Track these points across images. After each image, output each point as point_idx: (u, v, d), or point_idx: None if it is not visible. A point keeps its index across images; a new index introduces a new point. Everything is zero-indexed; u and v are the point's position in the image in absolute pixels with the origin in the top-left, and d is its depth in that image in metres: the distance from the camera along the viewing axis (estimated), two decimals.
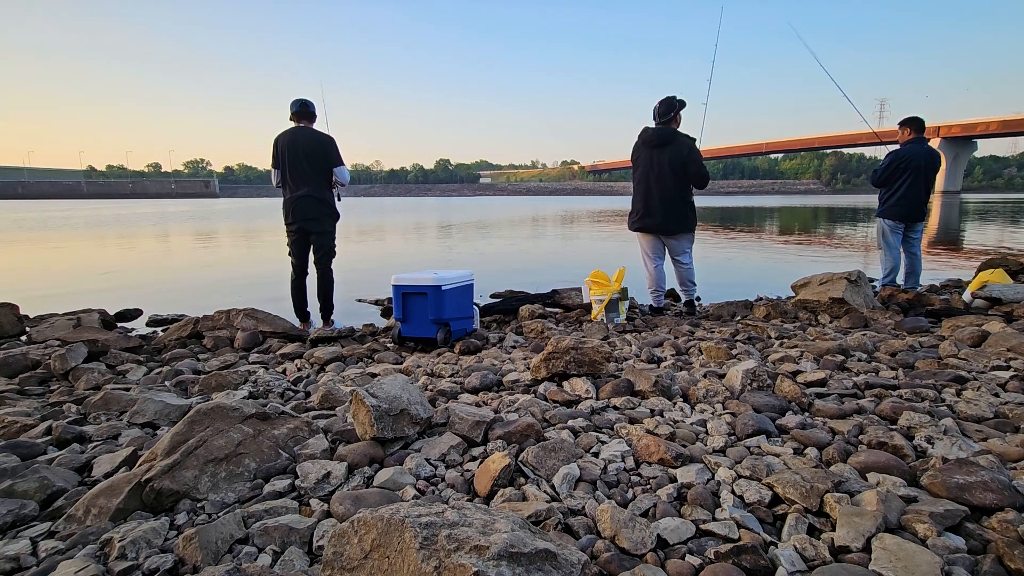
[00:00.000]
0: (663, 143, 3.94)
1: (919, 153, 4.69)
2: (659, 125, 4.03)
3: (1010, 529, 1.21)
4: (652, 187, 3.99)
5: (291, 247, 4.27)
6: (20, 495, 1.51)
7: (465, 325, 3.66)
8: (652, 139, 3.97)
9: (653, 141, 3.96)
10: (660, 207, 3.99)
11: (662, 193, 3.98)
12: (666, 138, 3.94)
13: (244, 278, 7.12)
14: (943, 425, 1.77)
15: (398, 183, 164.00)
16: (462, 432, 1.80)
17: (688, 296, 4.28)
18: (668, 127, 4.00)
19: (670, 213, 4.00)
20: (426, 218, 23.69)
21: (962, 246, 10.35)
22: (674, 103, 3.99)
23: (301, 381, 2.79)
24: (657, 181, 3.97)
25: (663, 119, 4.01)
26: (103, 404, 2.31)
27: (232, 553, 1.26)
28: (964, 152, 73.58)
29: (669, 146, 3.94)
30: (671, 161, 3.94)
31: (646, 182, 4.02)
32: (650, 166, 3.99)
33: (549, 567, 0.96)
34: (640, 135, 4.09)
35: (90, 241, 12.69)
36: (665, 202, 3.98)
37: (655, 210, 4.00)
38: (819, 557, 1.16)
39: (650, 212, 4.02)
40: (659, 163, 3.96)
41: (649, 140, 3.98)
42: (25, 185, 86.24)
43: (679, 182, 3.98)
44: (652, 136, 3.97)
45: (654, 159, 3.98)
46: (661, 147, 3.95)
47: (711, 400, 2.10)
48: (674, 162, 3.94)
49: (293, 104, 4.16)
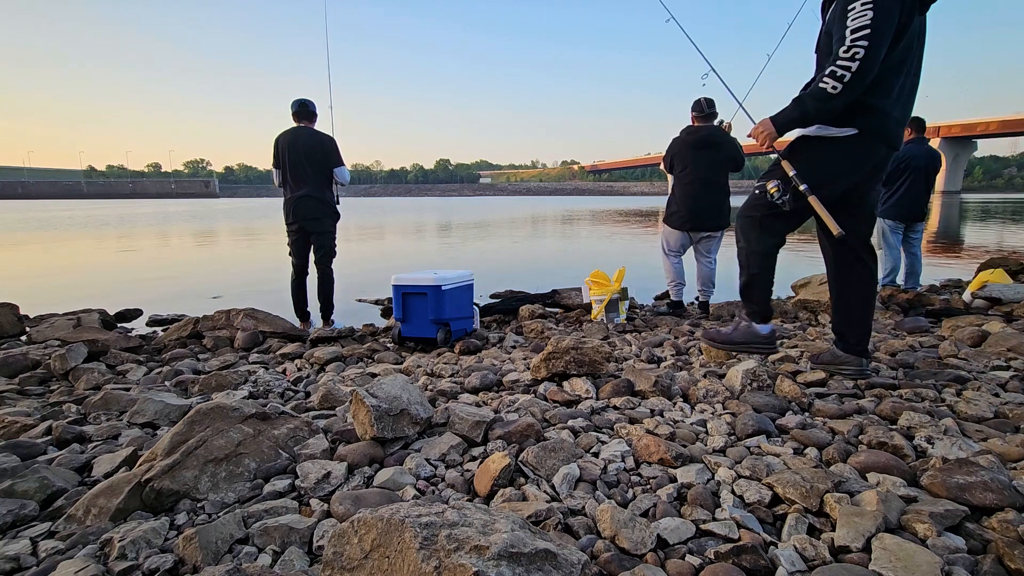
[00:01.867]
0: (714, 143, 4.05)
1: (919, 153, 4.69)
2: (704, 125, 4.09)
3: (1010, 529, 1.21)
4: (702, 187, 4.07)
5: (291, 247, 4.27)
6: (20, 495, 1.51)
7: (465, 325, 3.66)
8: (705, 140, 4.05)
9: (706, 142, 4.05)
10: (710, 206, 4.08)
11: (712, 192, 4.09)
12: (718, 139, 4.06)
13: (244, 278, 7.12)
14: (943, 425, 1.77)
15: (398, 183, 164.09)
16: (462, 432, 1.80)
17: (706, 297, 4.31)
18: (715, 127, 4.09)
19: (716, 211, 4.11)
20: (426, 218, 23.69)
21: (962, 246, 10.35)
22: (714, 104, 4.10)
23: (301, 381, 2.79)
24: (708, 181, 4.07)
25: (710, 119, 4.09)
26: (103, 404, 2.31)
27: (232, 553, 1.26)
28: (964, 152, 73.54)
29: (718, 146, 4.06)
30: (723, 161, 4.09)
31: (697, 182, 4.09)
32: (699, 166, 4.06)
33: (549, 567, 0.96)
34: (688, 134, 4.12)
35: (92, 241, 12.69)
36: (714, 201, 4.10)
37: (704, 210, 4.08)
38: (819, 557, 1.16)
39: (696, 212, 4.08)
40: (708, 163, 4.06)
41: (701, 141, 4.05)
42: (25, 185, 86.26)
43: (725, 181, 4.15)
44: (707, 136, 4.05)
45: (703, 159, 4.06)
46: (710, 148, 4.05)
47: (711, 400, 2.10)
48: (726, 161, 4.10)
49: (293, 104, 4.17)
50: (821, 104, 2.04)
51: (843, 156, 2.15)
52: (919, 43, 2.10)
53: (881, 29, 1.93)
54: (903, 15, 1.97)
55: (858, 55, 1.93)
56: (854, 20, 1.95)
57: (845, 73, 1.95)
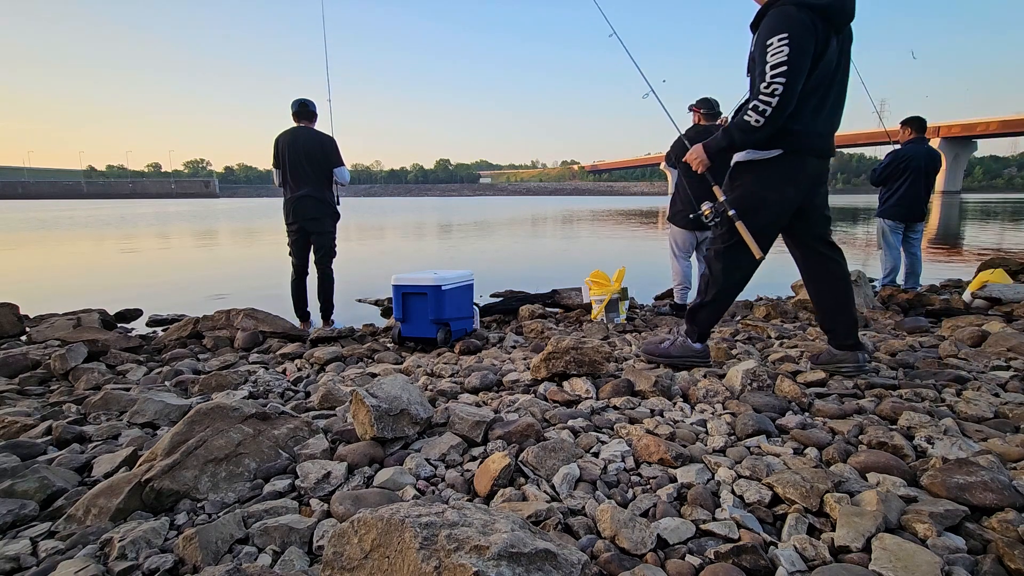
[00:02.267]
0: None
1: (919, 153, 4.69)
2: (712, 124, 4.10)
3: (1010, 529, 1.21)
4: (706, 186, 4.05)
5: (291, 247, 4.27)
6: (20, 495, 1.51)
7: (465, 325, 3.66)
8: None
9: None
10: None
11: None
12: None
13: (244, 278, 7.12)
14: (943, 425, 1.77)
15: (398, 183, 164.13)
16: (462, 432, 1.80)
17: None
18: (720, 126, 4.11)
19: None
20: (426, 218, 23.69)
21: (962, 246, 10.35)
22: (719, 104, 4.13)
23: (301, 381, 2.79)
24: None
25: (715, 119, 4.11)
26: (103, 404, 2.30)
27: (232, 553, 1.26)
28: (964, 152, 73.56)
29: None
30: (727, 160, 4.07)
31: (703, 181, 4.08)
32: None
33: (549, 567, 0.96)
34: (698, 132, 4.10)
35: (93, 241, 12.69)
36: None
37: None
38: (819, 557, 1.16)
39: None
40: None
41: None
42: (25, 185, 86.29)
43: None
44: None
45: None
46: None
47: (711, 400, 2.10)
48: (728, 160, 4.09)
49: (293, 104, 4.17)
50: (745, 136, 2.22)
51: (776, 174, 2.31)
52: (844, 57, 2.25)
53: (797, 64, 2.07)
54: (819, 45, 2.11)
55: (777, 91, 2.07)
56: (772, 56, 2.08)
57: (766, 108, 2.10)
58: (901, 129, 4.87)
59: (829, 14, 2.11)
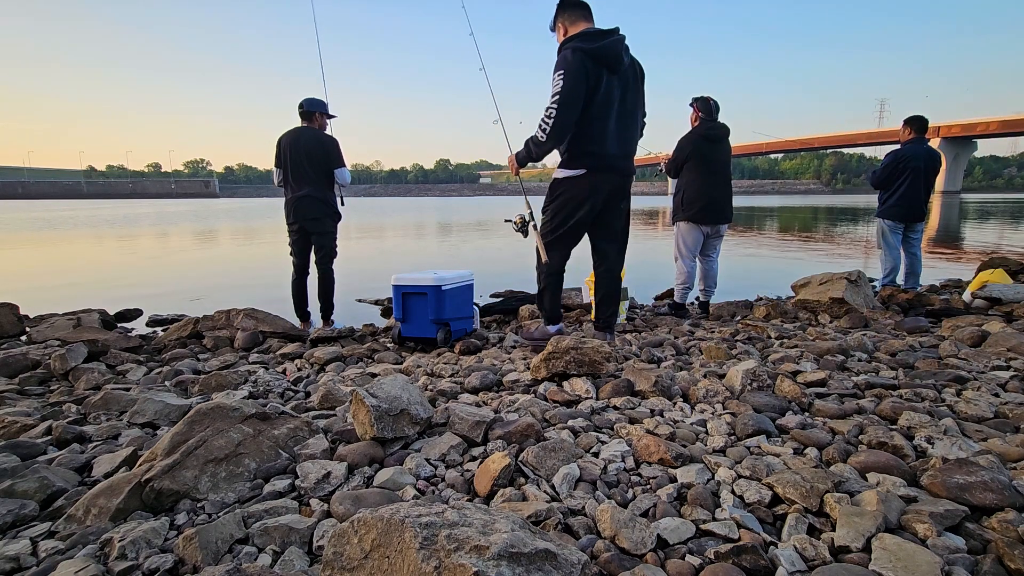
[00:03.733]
0: (724, 137, 4.16)
1: (919, 153, 4.68)
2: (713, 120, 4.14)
3: (1010, 529, 1.21)
4: (717, 179, 4.14)
5: (292, 247, 4.27)
6: (20, 495, 1.51)
7: (465, 325, 3.65)
8: (719, 133, 4.14)
9: (720, 137, 4.15)
10: (723, 199, 4.17)
11: (724, 185, 4.18)
12: (726, 133, 4.17)
13: (244, 278, 7.12)
14: (943, 425, 1.77)
15: (398, 183, 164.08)
16: (462, 432, 1.80)
17: (707, 297, 4.33)
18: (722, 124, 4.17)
19: (729, 203, 4.22)
20: (426, 218, 23.69)
21: (962, 246, 10.35)
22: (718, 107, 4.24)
23: (301, 381, 2.79)
24: (719, 174, 4.16)
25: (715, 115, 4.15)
26: (103, 404, 2.31)
27: (232, 553, 1.26)
28: (964, 152, 73.52)
29: (726, 140, 4.18)
30: (727, 154, 4.23)
31: (713, 174, 4.16)
32: (712, 159, 4.13)
33: (549, 567, 0.96)
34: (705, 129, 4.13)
35: (93, 241, 12.69)
36: (728, 193, 4.20)
37: (719, 201, 4.14)
38: (819, 557, 1.16)
39: (716, 203, 4.14)
40: (719, 156, 4.16)
41: (717, 137, 4.14)
42: (25, 185, 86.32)
43: (729, 174, 4.28)
44: (720, 130, 4.14)
45: (715, 152, 4.14)
46: (720, 141, 4.15)
47: (711, 400, 2.10)
48: (729, 155, 4.26)
49: (300, 104, 4.16)
50: (537, 148, 2.81)
51: (581, 188, 2.89)
52: (631, 92, 2.84)
53: (569, 95, 2.64)
54: (591, 80, 2.66)
55: (552, 114, 2.67)
56: (553, 87, 2.66)
57: (546, 127, 2.70)
58: (902, 129, 4.87)
59: (598, 56, 2.66)
